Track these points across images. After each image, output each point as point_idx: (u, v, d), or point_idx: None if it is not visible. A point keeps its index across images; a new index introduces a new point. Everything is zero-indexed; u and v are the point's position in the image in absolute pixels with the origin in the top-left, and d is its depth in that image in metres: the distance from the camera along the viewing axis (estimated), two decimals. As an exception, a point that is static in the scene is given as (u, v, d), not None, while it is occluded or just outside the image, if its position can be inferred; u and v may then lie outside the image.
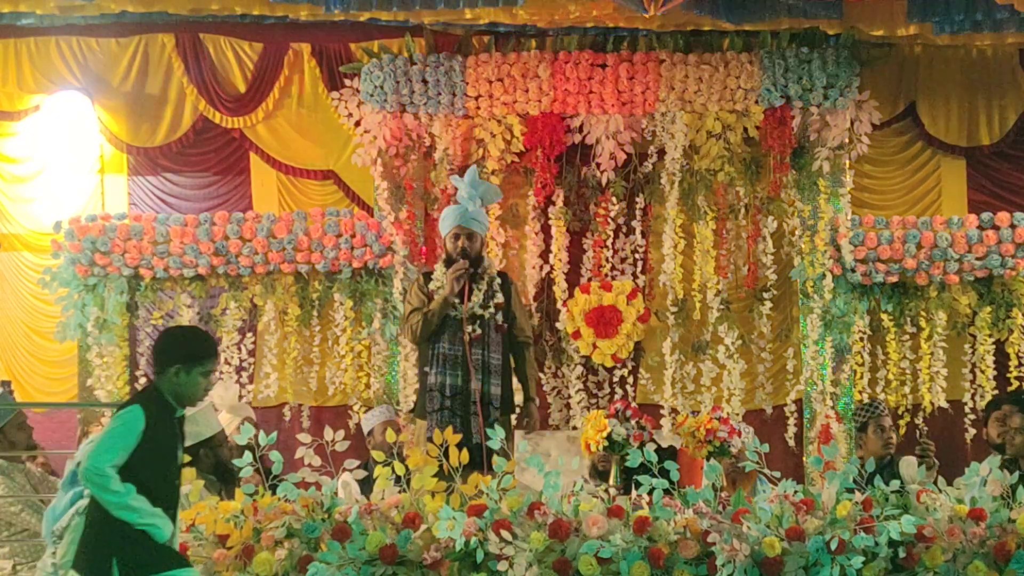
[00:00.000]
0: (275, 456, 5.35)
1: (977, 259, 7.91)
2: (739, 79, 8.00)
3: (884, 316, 7.99)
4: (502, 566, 4.94)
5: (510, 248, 8.17)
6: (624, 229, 8.17)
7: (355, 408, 7.96)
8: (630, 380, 8.10)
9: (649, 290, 8.16)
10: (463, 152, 8.08)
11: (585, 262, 8.15)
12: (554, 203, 8.09)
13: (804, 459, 7.96)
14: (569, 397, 8.07)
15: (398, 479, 5.29)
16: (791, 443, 8.05)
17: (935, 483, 5.44)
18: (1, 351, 8.24)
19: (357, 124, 8.14)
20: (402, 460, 5.23)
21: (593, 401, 8.08)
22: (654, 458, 5.29)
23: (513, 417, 6.56)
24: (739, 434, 6.10)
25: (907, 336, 8.04)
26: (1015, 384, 7.93)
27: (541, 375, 7.95)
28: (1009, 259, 7.93)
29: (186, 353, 4.56)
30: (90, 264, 7.84)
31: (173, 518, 4.52)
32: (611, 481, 6.09)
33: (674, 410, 7.93)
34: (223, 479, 6.22)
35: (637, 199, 8.12)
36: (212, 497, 5.70)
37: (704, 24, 7.74)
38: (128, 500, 4.33)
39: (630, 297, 8.04)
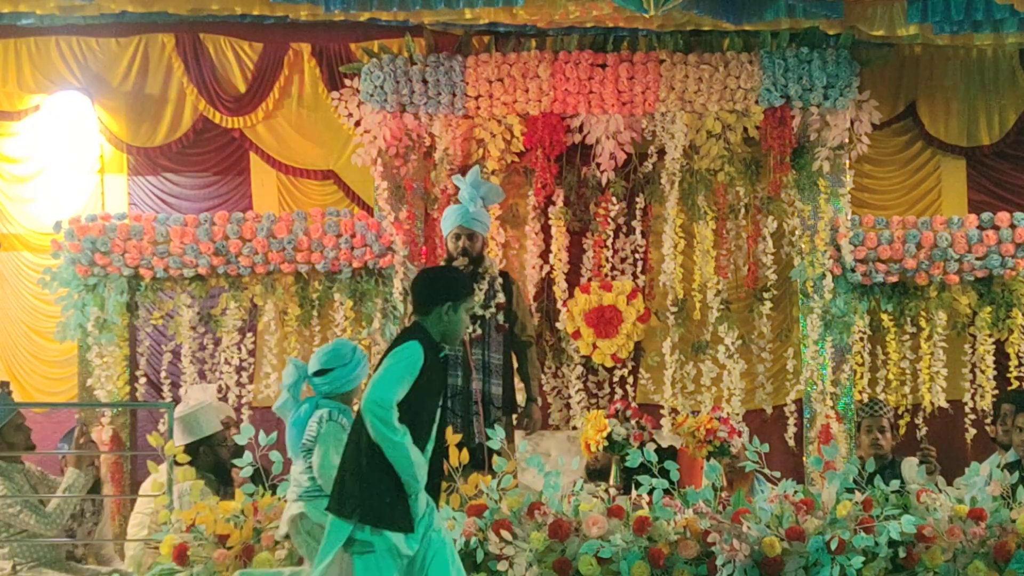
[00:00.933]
0: (275, 456, 5.36)
1: (977, 259, 7.91)
2: (739, 79, 8.00)
3: (884, 316, 7.99)
4: (502, 566, 4.95)
5: (510, 248, 8.17)
6: (624, 229, 8.17)
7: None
8: (630, 380, 8.10)
9: (649, 290, 8.16)
10: (463, 152, 8.08)
11: (585, 262, 8.15)
12: (554, 203, 8.09)
13: (804, 459, 7.96)
14: (569, 397, 8.07)
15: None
16: (791, 443, 8.05)
17: (935, 484, 5.45)
18: (1, 351, 8.24)
19: (357, 124, 8.14)
20: None
21: (593, 401, 8.08)
22: (654, 458, 5.30)
23: (514, 417, 6.56)
24: (739, 434, 6.10)
25: (907, 336, 8.03)
26: (1015, 384, 7.93)
27: (542, 375, 7.95)
28: (1009, 259, 7.92)
29: (455, 291, 4.56)
30: (90, 264, 7.84)
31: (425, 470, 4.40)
32: (611, 481, 6.09)
33: (674, 410, 7.92)
34: (222, 478, 6.23)
35: (637, 199, 8.12)
36: (212, 497, 5.71)
37: (704, 24, 7.74)
38: (404, 441, 4.24)
39: (630, 297, 8.04)
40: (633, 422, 6.05)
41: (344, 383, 4.92)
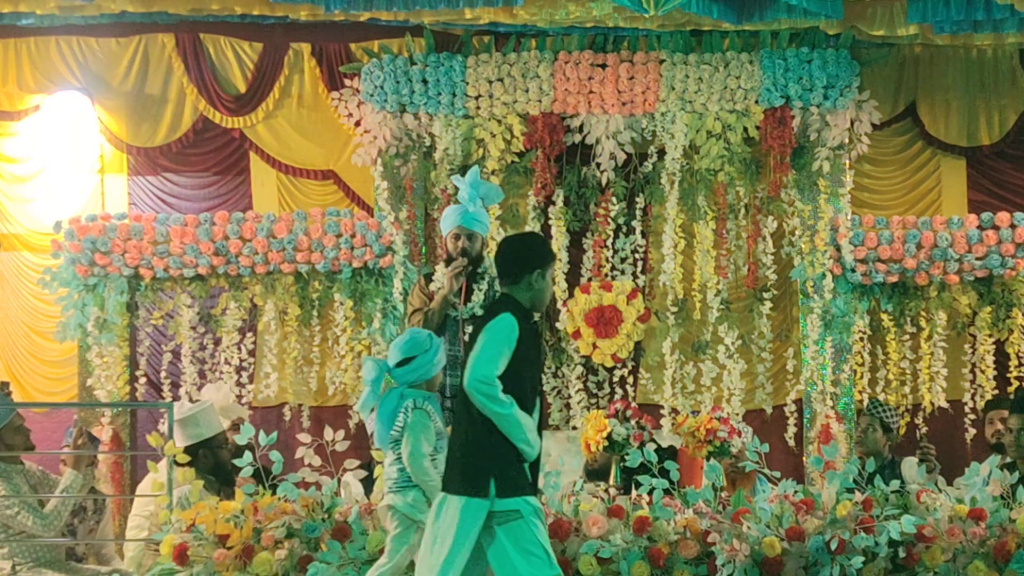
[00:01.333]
0: (275, 456, 5.36)
1: (977, 259, 7.91)
2: (739, 79, 8.00)
3: (884, 316, 7.99)
4: (502, 566, 4.94)
5: (510, 248, 8.15)
6: (624, 229, 8.17)
7: (355, 408, 7.95)
8: (630, 380, 8.10)
9: (649, 290, 8.16)
10: (463, 152, 8.08)
11: (585, 262, 8.15)
12: (554, 203, 8.09)
13: (804, 459, 7.96)
14: (569, 397, 8.07)
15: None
16: (791, 443, 8.05)
17: (935, 483, 5.45)
18: (1, 351, 8.24)
19: (357, 124, 8.14)
20: None
21: (593, 401, 8.08)
22: (654, 458, 5.30)
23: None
24: (739, 434, 6.10)
25: (907, 336, 8.03)
26: (1015, 384, 7.93)
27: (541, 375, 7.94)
28: (1009, 259, 7.92)
29: (542, 257, 4.59)
30: (90, 264, 7.84)
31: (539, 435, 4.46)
32: (610, 481, 6.09)
33: (674, 410, 7.92)
34: (222, 480, 6.23)
35: (637, 199, 8.12)
36: (212, 497, 5.70)
37: (704, 24, 7.74)
38: (513, 412, 4.31)
39: (630, 297, 8.04)
40: (633, 422, 6.04)
41: (427, 370, 5.00)
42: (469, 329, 6.21)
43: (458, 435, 4.50)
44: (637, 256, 8.15)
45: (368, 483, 5.63)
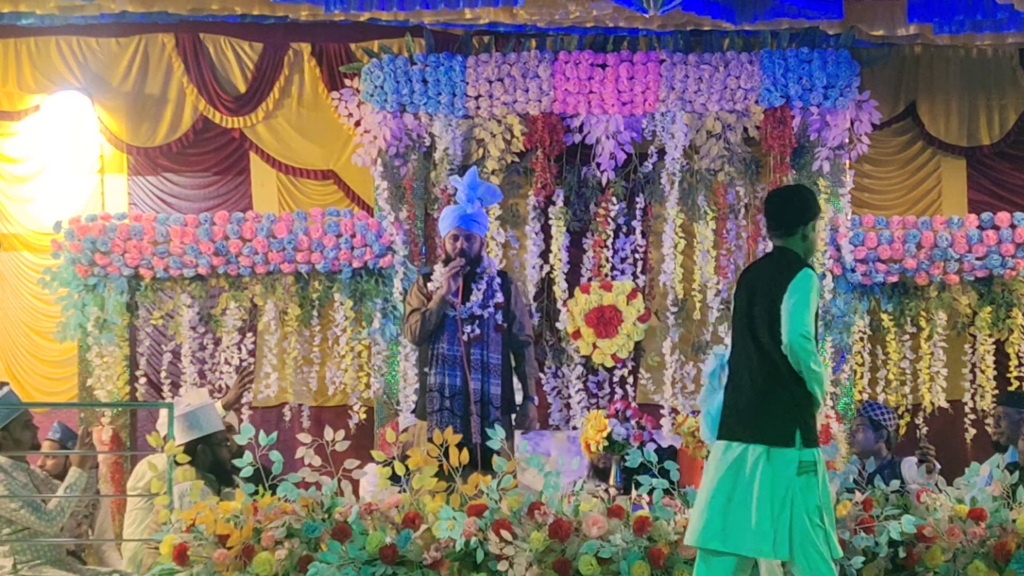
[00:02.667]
0: (275, 456, 5.35)
1: (977, 259, 7.91)
2: (739, 79, 8.00)
3: (884, 316, 7.98)
4: (502, 566, 4.95)
5: (510, 248, 8.17)
6: (624, 229, 8.17)
7: (355, 408, 7.96)
8: (630, 380, 8.10)
9: (649, 290, 8.16)
10: (463, 152, 8.08)
11: (585, 262, 8.15)
12: (554, 203, 8.09)
13: (804, 459, 7.94)
14: (569, 397, 8.07)
15: (398, 479, 5.29)
16: (791, 443, 8.03)
17: (935, 483, 5.45)
18: (1, 351, 8.24)
19: (357, 124, 8.14)
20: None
21: (593, 401, 8.08)
22: (654, 458, 5.29)
23: (512, 417, 6.56)
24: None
25: (907, 336, 8.03)
26: (1015, 384, 7.93)
27: (541, 375, 7.95)
28: (1009, 259, 7.92)
29: (815, 208, 4.67)
30: (90, 264, 7.84)
31: None
32: (611, 481, 6.09)
33: (674, 410, 7.92)
34: (222, 478, 6.22)
35: (637, 199, 8.12)
36: (212, 497, 5.70)
37: (704, 24, 7.74)
38: (823, 373, 4.48)
39: (630, 297, 8.04)
40: (633, 422, 6.05)
41: None
42: (468, 329, 6.21)
43: (745, 386, 4.60)
44: (637, 256, 8.15)
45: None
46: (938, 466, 6.62)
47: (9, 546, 5.90)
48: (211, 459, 6.20)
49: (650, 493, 5.24)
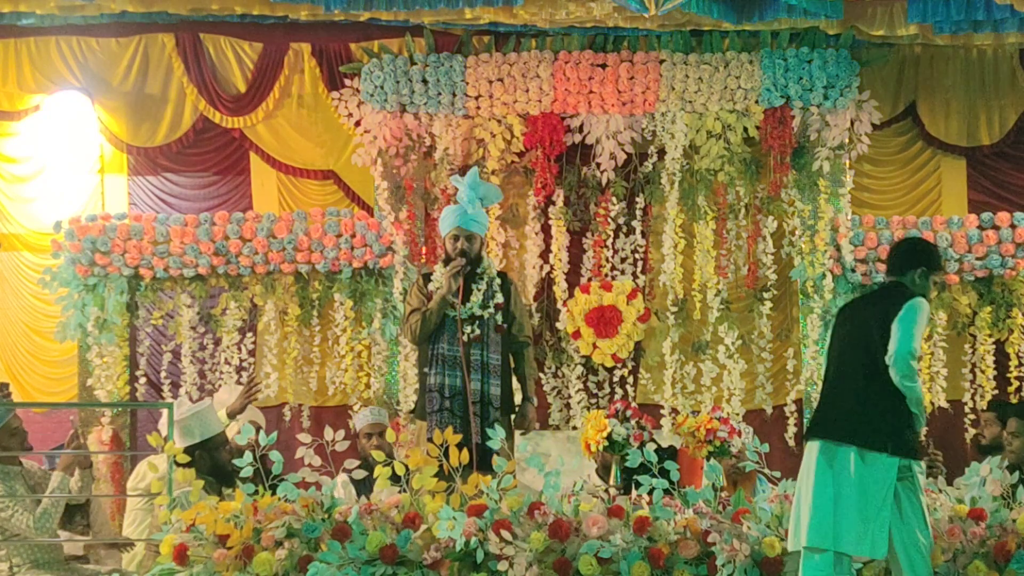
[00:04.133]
0: (275, 456, 5.35)
1: (977, 259, 7.91)
2: (739, 79, 8.00)
3: (884, 316, 7.97)
4: (502, 566, 4.94)
5: (510, 248, 8.17)
6: (624, 229, 8.17)
7: (355, 408, 7.96)
8: (630, 380, 8.10)
9: (649, 290, 8.16)
10: (463, 152, 8.08)
11: (585, 262, 8.15)
12: (554, 203, 8.10)
13: (804, 459, 7.94)
14: (569, 397, 8.07)
15: (398, 479, 5.29)
16: (791, 443, 8.05)
17: (935, 484, 5.45)
18: (1, 351, 8.24)
19: (357, 124, 8.14)
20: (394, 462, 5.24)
21: (593, 401, 8.08)
22: (654, 458, 5.29)
23: (512, 417, 6.56)
24: (739, 434, 6.09)
25: (907, 336, 8.02)
26: (1015, 384, 7.93)
27: (541, 375, 7.95)
28: (1009, 259, 7.93)
29: (927, 260, 5.03)
30: (90, 264, 7.84)
31: None
32: (611, 481, 6.09)
33: (674, 410, 7.92)
34: (222, 481, 6.21)
35: (637, 199, 8.12)
36: (211, 498, 5.70)
37: (704, 24, 7.75)
38: (920, 393, 4.78)
39: (630, 297, 8.04)
40: (633, 422, 6.03)
41: None
42: (468, 329, 6.21)
43: (847, 391, 4.88)
44: (637, 256, 8.15)
45: (368, 483, 5.63)
46: (944, 470, 6.64)
47: (5, 549, 5.89)
48: (209, 463, 6.18)
49: (650, 493, 5.24)
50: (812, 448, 4.90)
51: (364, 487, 5.90)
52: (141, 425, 8.05)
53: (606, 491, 5.64)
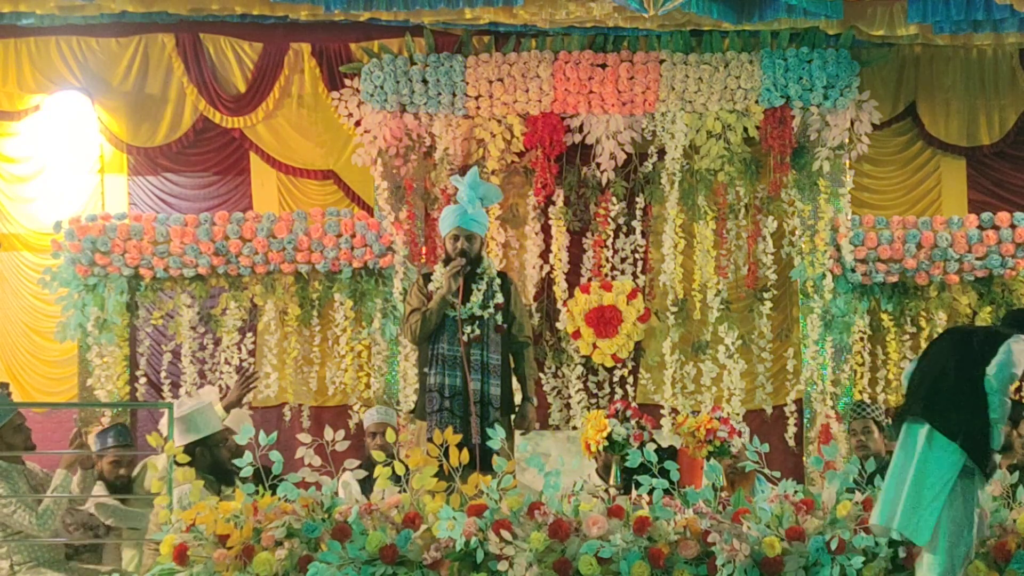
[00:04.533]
0: (275, 456, 5.35)
1: (977, 259, 7.91)
2: (739, 79, 8.00)
3: (884, 316, 7.99)
4: (502, 566, 4.94)
5: (510, 248, 8.17)
6: (624, 229, 8.17)
7: (355, 408, 7.96)
8: (630, 380, 8.10)
9: (649, 290, 8.17)
10: (463, 152, 8.08)
11: (585, 262, 8.15)
12: (554, 203, 8.10)
13: (804, 459, 7.96)
14: (569, 397, 8.07)
15: (398, 479, 5.28)
16: (791, 443, 8.05)
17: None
18: (1, 351, 8.24)
19: (357, 124, 8.14)
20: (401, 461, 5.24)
21: (593, 401, 8.08)
22: (654, 458, 5.29)
23: (512, 417, 6.56)
24: (739, 434, 6.09)
25: (907, 336, 8.04)
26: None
27: (541, 375, 7.95)
28: (1009, 259, 7.93)
29: None
30: (90, 264, 7.84)
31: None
32: (611, 481, 6.09)
33: (674, 410, 7.93)
34: (222, 479, 6.21)
35: (637, 199, 8.13)
36: (212, 497, 5.70)
37: (704, 24, 7.75)
38: (1003, 414, 4.86)
39: (630, 297, 8.04)
40: (633, 422, 6.03)
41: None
42: (468, 329, 6.20)
43: (945, 385, 4.94)
44: (637, 256, 8.16)
45: (368, 483, 5.63)
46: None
47: (6, 548, 5.90)
48: (209, 461, 6.19)
49: (650, 493, 5.24)
50: (903, 432, 4.99)
51: (368, 487, 5.90)
52: (141, 425, 8.05)
53: (606, 491, 5.64)
